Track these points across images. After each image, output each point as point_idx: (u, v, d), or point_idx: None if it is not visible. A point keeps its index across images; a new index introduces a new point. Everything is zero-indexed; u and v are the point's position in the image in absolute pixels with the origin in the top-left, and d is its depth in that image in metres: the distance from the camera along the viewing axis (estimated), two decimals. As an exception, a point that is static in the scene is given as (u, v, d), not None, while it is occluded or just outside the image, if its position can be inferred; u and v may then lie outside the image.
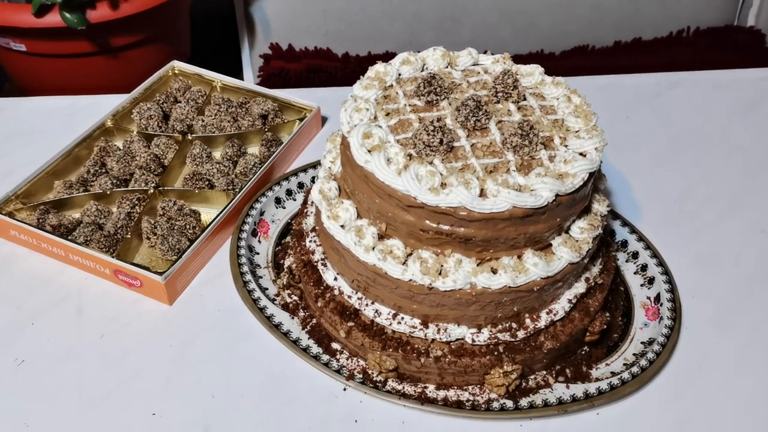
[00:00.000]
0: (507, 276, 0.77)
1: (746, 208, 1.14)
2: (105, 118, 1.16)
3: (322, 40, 1.93)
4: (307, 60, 1.89)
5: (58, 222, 1.01)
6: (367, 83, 0.87)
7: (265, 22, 1.90)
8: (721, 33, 2.10)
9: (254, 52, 1.93)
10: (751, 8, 2.14)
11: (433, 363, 0.83)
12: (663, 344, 0.90)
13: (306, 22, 1.91)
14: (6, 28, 1.40)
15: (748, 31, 2.12)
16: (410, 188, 0.74)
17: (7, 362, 0.89)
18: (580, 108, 0.86)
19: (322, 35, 1.93)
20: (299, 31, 1.91)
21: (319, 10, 1.90)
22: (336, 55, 1.91)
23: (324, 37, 1.93)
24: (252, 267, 0.99)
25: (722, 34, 2.10)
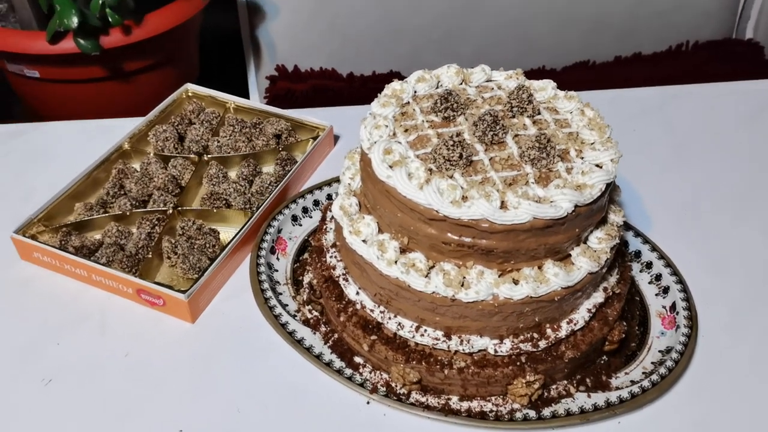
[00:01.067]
0: (528, 286, 0.79)
1: (755, 212, 1.16)
2: (122, 141, 1.18)
3: (327, 60, 1.96)
4: (312, 80, 1.92)
5: (81, 243, 1.02)
6: (384, 101, 0.90)
7: (271, 44, 1.93)
8: (719, 46, 2.14)
9: (260, 73, 1.96)
10: (748, 21, 2.18)
11: (456, 374, 0.84)
12: (681, 352, 0.91)
13: (311, 42, 1.94)
14: (20, 55, 1.43)
15: (747, 44, 2.16)
16: (432, 202, 0.76)
17: (35, 381, 0.90)
18: (594, 121, 0.88)
19: (327, 55, 1.96)
20: (304, 52, 1.94)
21: (323, 31, 1.93)
22: (341, 75, 1.94)
23: (329, 57, 1.96)
24: (272, 284, 1.00)
25: (721, 47, 2.14)
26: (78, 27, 1.34)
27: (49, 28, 1.35)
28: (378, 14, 1.93)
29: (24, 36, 1.41)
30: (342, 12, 1.92)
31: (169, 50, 1.56)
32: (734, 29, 2.19)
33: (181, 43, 1.62)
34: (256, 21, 1.89)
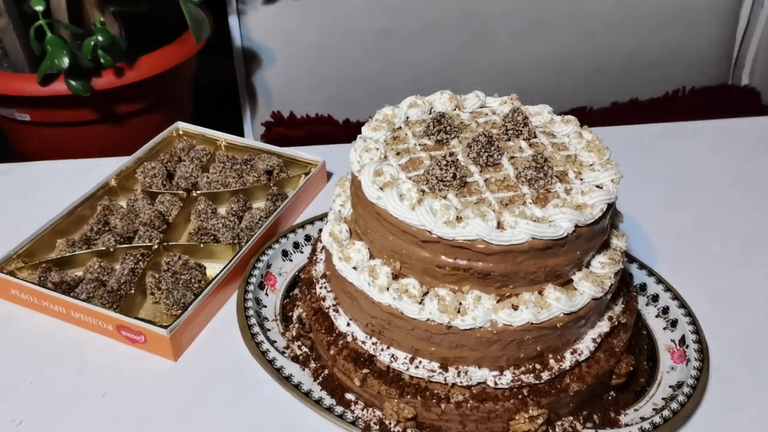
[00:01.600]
0: (529, 312, 0.74)
1: (759, 243, 1.12)
2: (109, 178, 1.15)
3: (323, 106, 1.95)
4: (308, 126, 1.91)
5: (60, 279, 0.98)
6: (375, 125, 0.87)
7: (267, 91, 1.93)
8: (716, 92, 2.14)
9: (256, 120, 1.95)
10: (744, 69, 2.18)
11: (454, 409, 0.78)
12: (693, 386, 0.86)
13: (306, 89, 1.94)
14: (11, 97, 1.42)
15: (743, 90, 2.16)
16: (425, 222, 0.72)
17: (5, 423, 0.85)
18: (592, 143, 0.85)
19: (323, 102, 1.96)
20: (300, 98, 1.94)
21: (319, 78, 1.93)
22: (337, 121, 1.93)
23: (325, 104, 1.96)
24: (260, 320, 0.95)
25: (717, 92, 2.14)
26: (69, 68, 1.33)
27: (40, 69, 1.34)
28: (373, 63, 1.93)
29: (15, 78, 1.41)
30: (337, 60, 1.92)
31: (162, 93, 1.55)
32: (730, 76, 2.19)
33: (175, 87, 1.61)
34: (252, 68, 1.90)
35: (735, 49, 2.15)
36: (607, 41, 2.04)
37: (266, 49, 1.89)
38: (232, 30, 1.85)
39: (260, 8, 1.83)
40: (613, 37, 2.03)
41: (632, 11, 2.00)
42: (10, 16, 1.40)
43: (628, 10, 2.00)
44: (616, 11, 1.99)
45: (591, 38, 2.03)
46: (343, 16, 1.87)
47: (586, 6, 1.97)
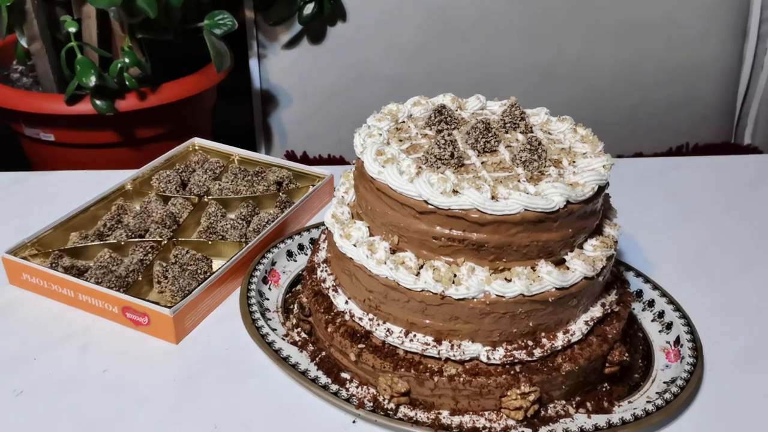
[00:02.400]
0: (521, 283, 0.76)
1: (759, 264, 1.13)
2: (125, 182, 1.20)
3: (336, 147, 2.02)
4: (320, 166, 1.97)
5: (71, 264, 1.01)
6: (380, 116, 0.92)
7: (282, 131, 2.00)
8: (718, 149, 2.19)
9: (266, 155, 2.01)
10: (746, 128, 2.24)
11: (447, 383, 0.79)
12: (686, 379, 0.86)
13: (320, 131, 2.01)
14: (38, 116, 1.49)
15: (745, 149, 2.21)
16: (423, 192, 0.76)
17: (6, 393, 0.86)
18: (586, 137, 0.89)
19: (336, 144, 2.03)
20: (313, 139, 2.01)
21: (333, 120, 2.01)
22: (349, 162, 1.99)
23: (338, 146, 2.02)
24: (261, 309, 0.97)
25: (720, 149, 2.19)
26: (95, 88, 1.41)
27: (68, 88, 1.42)
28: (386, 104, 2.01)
29: (43, 98, 1.48)
30: (351, 104, 2.00)
31: (182, 120, 1.62)
32: (733, 134, 2.25)
33: (194, 115, 1.69)
34: (269, 109, 1.98)
35: (737, 109, 2.21)
36: (612, 96, 2.11)
37: (283, 91, 1.97)
38: (252, 72, 1.94)
39: (279, 53, 1.93)
40: (619, 92, 2.11)
41: (637, 68, 2.08)
42: (44, 41, 1.49)
43: (632, 67, 2.08)
44: (621, 68, 2.07)
45: (597, 93, 2.10)
46: (357, 63, 1.96)
47: (593, 62, 2.06)
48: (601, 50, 2.05)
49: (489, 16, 1.98)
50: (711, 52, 2.08)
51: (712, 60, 2.10)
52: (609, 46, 2.04)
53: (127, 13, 1.43)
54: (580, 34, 2.02)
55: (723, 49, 2.09)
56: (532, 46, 2.03)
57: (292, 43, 1.92)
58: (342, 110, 2.01)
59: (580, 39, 2.03)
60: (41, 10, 1.46)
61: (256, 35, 1.91)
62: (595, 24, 2.01)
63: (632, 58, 2.07)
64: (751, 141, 2.25)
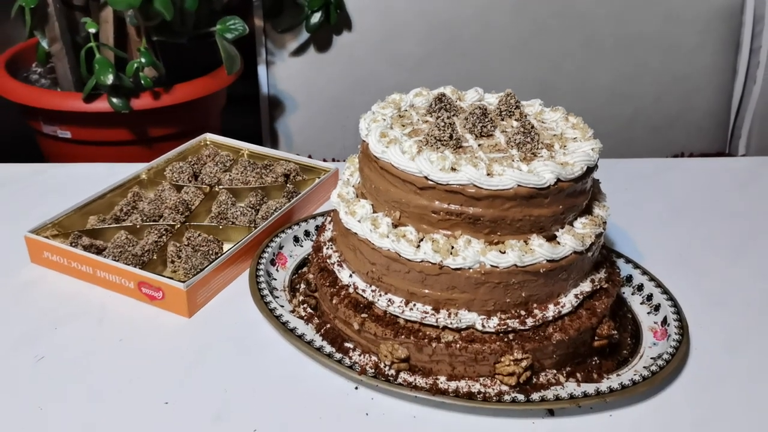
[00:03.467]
0: (514, 254, 0.81)
1: (747, 259, 1.18)
2: (140, 171, 1.26)
3: (340, 153, 2.08)
4: (325, 170, 2.03)
5: (90, 243, 1.07)
6: (384, 105, 0.98)
7: (288, 135, 2.07)
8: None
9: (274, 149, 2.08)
10: (740, 139, 2.30)
11: (444, 349, 0.84)
12: (672, 353, 0.91)
13: (326, 136, 2.08)
14: (57, 113, 1.55)
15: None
16: (423, 169, 0.81)
17: (28, 358, 0.91)
18: (577, 125, 0.95)
19: (341, 149, 2.09)
20: (319, 144, 2.08)
21: (338, 127, 2.07)
22: (352, 167, 2.05)
23: (342, 151, 2.09)
24: (269, 288, 1.02)
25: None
26: (112, 86, 1.47)
27: (86, 86, 1.49)
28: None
29: (62, 96, 1.55)
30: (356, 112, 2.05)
31: (193, 120, 1.69)
32: (727, 145, 2.31)
33: (205, 115, 1.75)
34: (276, 114, 2.04)
35: (731, 120, 2.27)
36: (609, 108, 2.18)
37: (290, 97, 2.04)
38: (261, 78, 2.01)
39: (287, 60, 2.00)
40: (615, 104, 2.17)
41: (633, 81, 2.15)
42: (64, 42, 1.56)
43: (628, 80, 2.15)
44: (617, 81, 2.14)
45: (594, 105, 2.17)
46: (363, 72, 2.03)
47: (590, 75, 2.12)
48: (598, 64, 2.12)
49: (490, 29, 2.05)
50: (705, 66, 2.15)
51: (706, 73, 2.16)
52: (605, 59, 2.11)
53: (144, 16, 1.50)
54: (578, 48, 2.09)
55: (716, 62, 2.16)
56: (531, 59, 2.10)
57: (299, 51, 2.00)
58: (346, 116, 2.07)
59: (577, 53, 2.10)
60: (62, 13, 1.54)
61: (265, 43, 1.98)
62: (592, 39, 2.08)
63: (628, 71, 2.14)
64: (745, 151, 2.31)
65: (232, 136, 1.79)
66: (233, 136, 1.36)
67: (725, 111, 2.25)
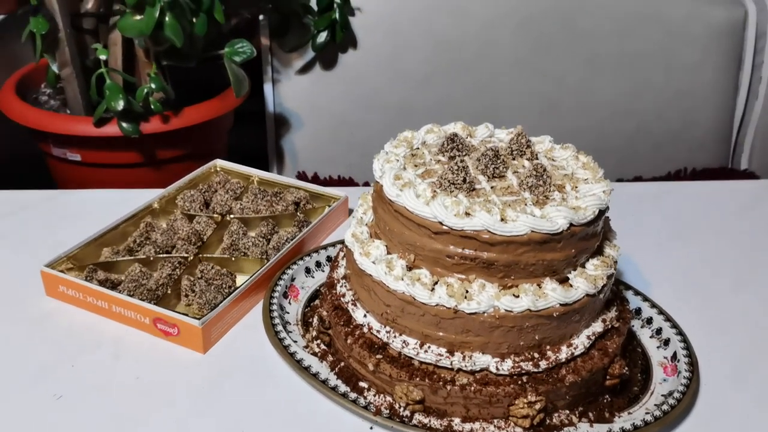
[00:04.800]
0: (528, 299, 0.83)
1: (755, 284, 1.20)
2: (152, 201, 1.27)
3: (346, 170, 2.09)
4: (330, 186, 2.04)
5: (105, 278, 1.08)
6: (396, 143, 0.99)
7: (294, 153, 2.08)
8: (716, 173, 2.26)
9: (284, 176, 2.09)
10: (743, 154, 2.32)
11: (458, 392, 0.85)
12: (683, 392, 0.92)
13: (331, 153, 2.09)
14: (67, 137, 1.56)
15: (742, 174, 2.28)
16: (438, 214, 0.83)
17: (47, 396, 0.92)
18: (587, 164, 0.96)
19: (346, 167, 2.10)
20: (324, 161, 2.08)
21: (343, 144, 2.08)
22: (357, 183, 2.06)
23: (347, 169, 2.09)
24: (283, 322, 1.04)
25: (717, 174, 2.26)
26: (122, 111, 1.48)
27: (97, 111, 1.50)
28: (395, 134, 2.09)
29: (73, 120, 1.56)
30: (361, 129, 2.08)
31: (202, 142, 1.70)
32: (730, 160, 2.32)
33: (213, 137, 1.76)
34: (282, 132, 2.06)
35: (733, 135, 2.29)
36: (612, 123, 2.18)
37: (296, 115, 2.05)
38: (266, 97, 2.02)
39: (293, 78, 2.01)
40: (618, 119, 2.18)
41: (635, 97, 2.16)
42: (74, 67, 1.57)
43: (631, 96, 2.16)
44: (620, 96, 2.15)
45: (597, 120, 2.18)
46: (367, 90, 2.04)
47: (593, 91, 2.14)
48: (601, 79, 2.13)
49: (493, 47, 2.06)
50: (707, 81, 2.16)
51: (709, 88, 2.17)
52: (608, 75, 2.12)
53: (154, 42, 1.51)
54: (581, 64, 2.10)
55: (719, 78, 2.17)
56: (535, 76, 2.11)
57: (305, 70, 2.00)
58: (351, 134, 2.08)
59: (580, 69, 2.11)
60: (72, 38, 1.54)
61: (271, 61, 1.99)
62: (595, 55, 2.09)
63: (631, 86, 2.15)
64: (747, 166, 2.32)
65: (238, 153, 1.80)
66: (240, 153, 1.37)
67: (727, 126, 2.26)
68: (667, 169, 2.26)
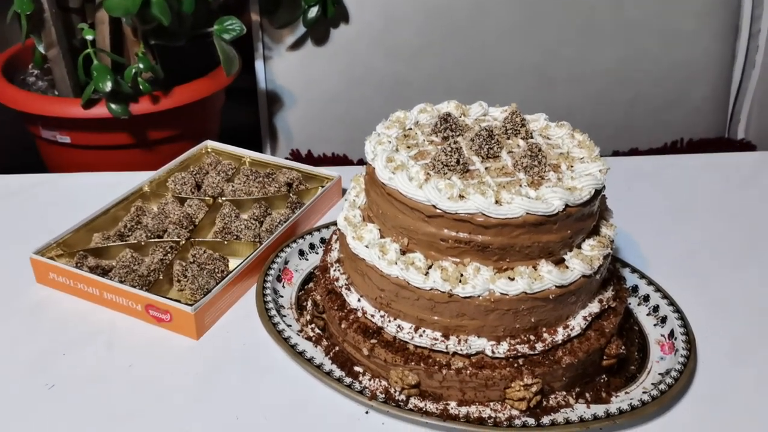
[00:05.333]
0: (523, 282, 0.81)
1: (751, 262, 1.19)
2: (143, 184, 1.25)
3: (340, 147, 2.07)
4: (325, 164, 2.02)
5: (96, 264, 1.06)
6: (388, 124, 0.97)
7: (287, 130, 2.06)
8: (713, 144, 2.24)
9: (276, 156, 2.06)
10: (739, 123, 2.29)
11: (454, 375, 0.85)
12: (680, 371, 0.91)
13: (325, 131, 2.06)
14: (56, 119, 1.54)
15: (739, 143, 2.26)
16: (431, 198, 0.81)
17: (39, 386, 0.92)
18: (583, 143, 0.94)
19: (340, 143, 2.08)
20: (318, 139, 2.06)
21: (337, 121, 2.06)
22: (352, 161, 2.04)
23: (342, 145, 2.07)
24: (276, 307, 1.03)
25: (714, 145, 2.24)
26: (111, 93, 1.46)
27: (85, 92, 1.47)
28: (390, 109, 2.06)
29: (61, 102, 1.53)
30: (355, 105, 2.05)
31: (193, 122, 1.68)
32: (726, 129, 2.30)
33: (204, 117, 1.74)
34: (275, 109, 2.03)
35: (730, 105, 2.26)
36: (608, 94, 2.16)
37: (288, 92, 2.02)
38: (258, 74, 1.99)
39: (285, 55, 1.98)
40: (614, 90, 2.15)
41: (631, 67, 2.13)
42: (61, 47, 1.53)
43: (627, 66, 2.13)
44: (616, 66, 2.12)
45: (593, 91, 2.15)
46: (362, 65, 2.01)
47: (589, 61, 2.11)
48: (597, 49, 2.10)
49: (487, 18, 2.03)
50: (704, 50, 2.13)
51: (705, 58, 2.15)
52: (604, 45, 2.09)
53: (141, 21, 1.47)
54: (576, 34, 2.07)
55: (715, 47, 2.14)
56: (529, 46, 2.08)
57: (296, 46, 1.97)
58: (345, 110, 2.06)
59: (575, 39, 2.08)
60: (58, 18, 1.51)
61: (262, 38, 1.96)
62: (590, 24, 2.06)
63: (627, 56, 2.12)
64: (744, 135, 2.30)
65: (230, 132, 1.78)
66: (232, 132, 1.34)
67: (724, 95, 2.24)
68: (664, 140, 2.24)
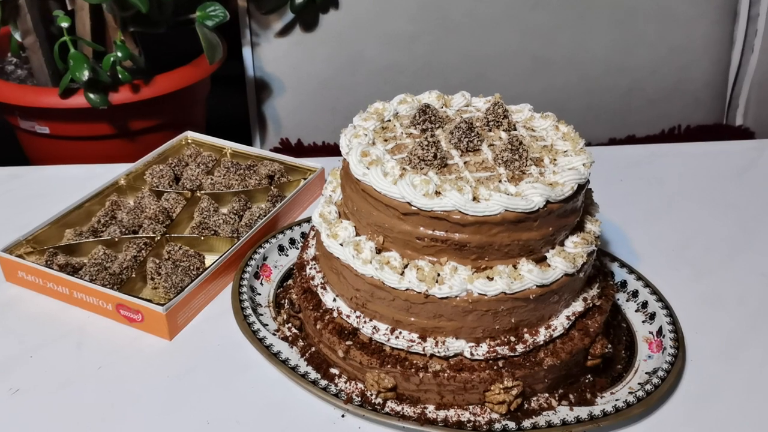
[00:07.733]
0: (503, 282, 0.78)
1: (745, 255, 1.15)
2: (118, 177, 1.22)
3: (330, 136, 2.03)
4: (315, 154, 1.98)
5: (66, 262, 1.03)
6: (366, 116, 0.93)
7: (276, 119, 2.01)
8: (711, 130, 2.20)
9: (265, 146, 2.03)
10: (737, 109, 2.25)
11: (432, 378, 0.81)
12: (667, 371, 0.88)
13: (314, 119, 2.02)
14: (33, 110, 1.50)
15: (737, 130, 2.22)
16: (406, 194, 0.77)
17: (2, 391, 0.89)
18: (567, 135, 0.90)
19: (330, 131, 2.04)
20: (307, 127, 2.02)
21: (327, 108, 2.02)
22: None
23: (332, 133, 2.03)
24: (253, 305, 0.99)
25: (712, 131, 2.19)
26: (88, 82, 1.42)
27: (62, 82, 1.43)
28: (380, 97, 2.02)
29: (38, 92, 1.49)
30: (345, 92, 2.01)
31: (176, 111, 1.64)
32: (724, 116, 2.25)
33: (188, 106, 1.70)
34: (263, 97, 1.99)
35: (728, 90, 2.22)
36: (605, 81, 2.11)
37: (277, 79, 1.98)
38: (246, 61, 1.94)
39: (273, 41, 1.93)
40: (611, 76, 2.11)
41: (629, 53, 2.08)
42: (38, 35, 1.49)
43: (624, 52, 2.08)
44: (613, 52, 2.07)
45: (590, 77, 2.10)
46: (351, 51, 1.97)
47: (586, 47, 2.06)
48: (594, 35, 2.05)
49: (482, 3, 1.98)
50: (702, 35, 2.08)
51: (703, 43, 2.10)
52: (601, 31, 2.04)
53: (120, 7, 1.43)
54: (573, 19, 2.02)
55: (713, 31, 2.09)
56: (525, 32, 2.03)
57: (284, 32, 1.92)
58: (336, 97, 2.01)
59: (572, 25, 2.03)
60: (34, 4, 1.47)
61: (249, 24, 1.91)
62: (587, 10, 2.01)
63: (624, 42, 2.07)
64: (742, 122, 2.25)
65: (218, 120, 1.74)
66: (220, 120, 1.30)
67: (722, 82, 2.19)
68: (661, 126, 2.20)
